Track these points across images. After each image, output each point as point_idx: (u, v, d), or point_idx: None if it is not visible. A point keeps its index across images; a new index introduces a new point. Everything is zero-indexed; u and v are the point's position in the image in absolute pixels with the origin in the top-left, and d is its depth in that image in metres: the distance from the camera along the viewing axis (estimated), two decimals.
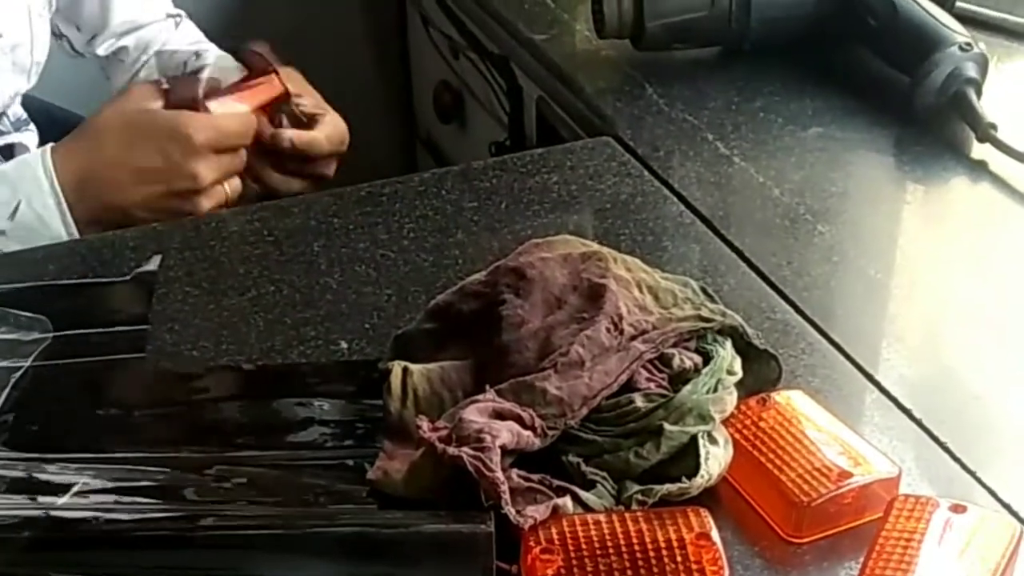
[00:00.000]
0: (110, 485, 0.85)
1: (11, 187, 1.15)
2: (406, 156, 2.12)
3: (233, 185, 1.21)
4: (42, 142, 1.33)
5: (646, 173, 1.19)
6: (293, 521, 0.81)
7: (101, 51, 1.40)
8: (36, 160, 1.16)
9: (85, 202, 1.16)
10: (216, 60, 1.34)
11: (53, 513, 0.82)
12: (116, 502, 0.84)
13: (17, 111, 1.31)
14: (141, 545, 0.79)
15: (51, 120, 1.41)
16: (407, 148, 2.13)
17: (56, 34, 1.38)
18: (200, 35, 1.43)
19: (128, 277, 1.06)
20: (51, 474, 0.86)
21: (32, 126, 1.32)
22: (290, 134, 1.25)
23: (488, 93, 1.64)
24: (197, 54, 1.37)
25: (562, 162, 1.21)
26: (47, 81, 1.35)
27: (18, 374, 0.95)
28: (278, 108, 1.27)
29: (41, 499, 0.83)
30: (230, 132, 1.19)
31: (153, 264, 1.07)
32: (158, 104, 1.18)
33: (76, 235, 1.15)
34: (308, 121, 1.28)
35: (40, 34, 1.29)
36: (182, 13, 1.44)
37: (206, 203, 1.18)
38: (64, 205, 1.15)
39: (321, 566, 0.77)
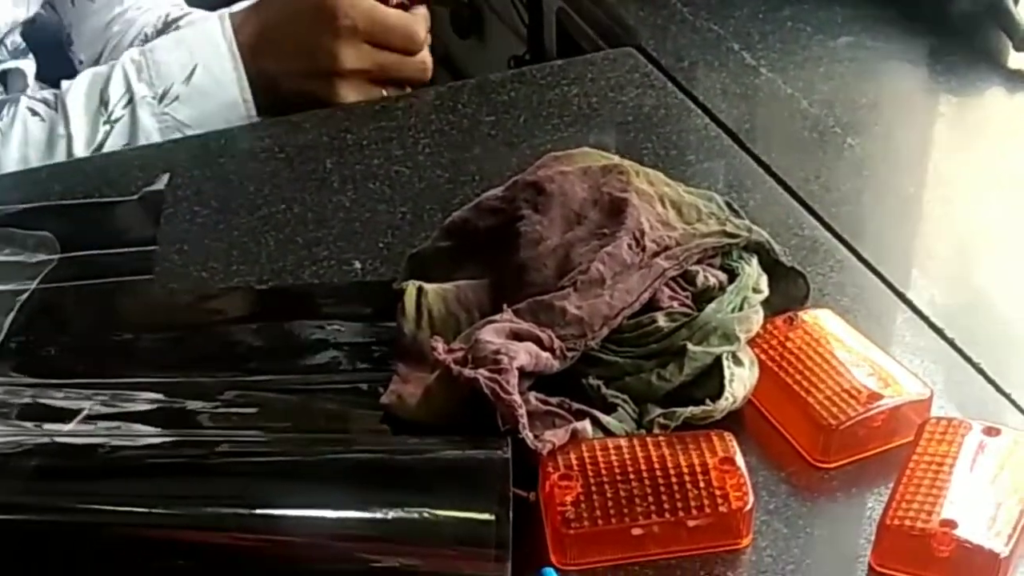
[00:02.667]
0: (118, 411, 0.84)
1: (188, 51, 1.17)
2: None
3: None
4: (45, 65, 1.31)
5: (669, 85, 1.18)
6: (306, 448, 0.81)
7: None
8: (215, 25, 1.18)
9: (255, 67, 1.17)
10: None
11: (59, 440, 0.81)
12: (124, 428, 0.83)
13: (16, 40, 1.30)
14: (152, 473, 0.78)
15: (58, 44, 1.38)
16: None
17: None
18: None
19: (135, 196, 1.05)
20: (58, 400, 0.85)
21: (31, 55, 1.31)
22: None
23: (506, 5, 1.62)
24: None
25: (583, 74, 1.20)
26: None
27: (23, 296, 0.94)
28: None
29: (47, 426, 0.82)
30: (385, 25, 1.17)
31: (161, 183, 1.06)
32: None
33: (250, 100, 1.16)
34: None
35: None
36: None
37: (348, 91, 1.18)
38: (241, 69, 1.16)
39: (334, 493, 0.76)
